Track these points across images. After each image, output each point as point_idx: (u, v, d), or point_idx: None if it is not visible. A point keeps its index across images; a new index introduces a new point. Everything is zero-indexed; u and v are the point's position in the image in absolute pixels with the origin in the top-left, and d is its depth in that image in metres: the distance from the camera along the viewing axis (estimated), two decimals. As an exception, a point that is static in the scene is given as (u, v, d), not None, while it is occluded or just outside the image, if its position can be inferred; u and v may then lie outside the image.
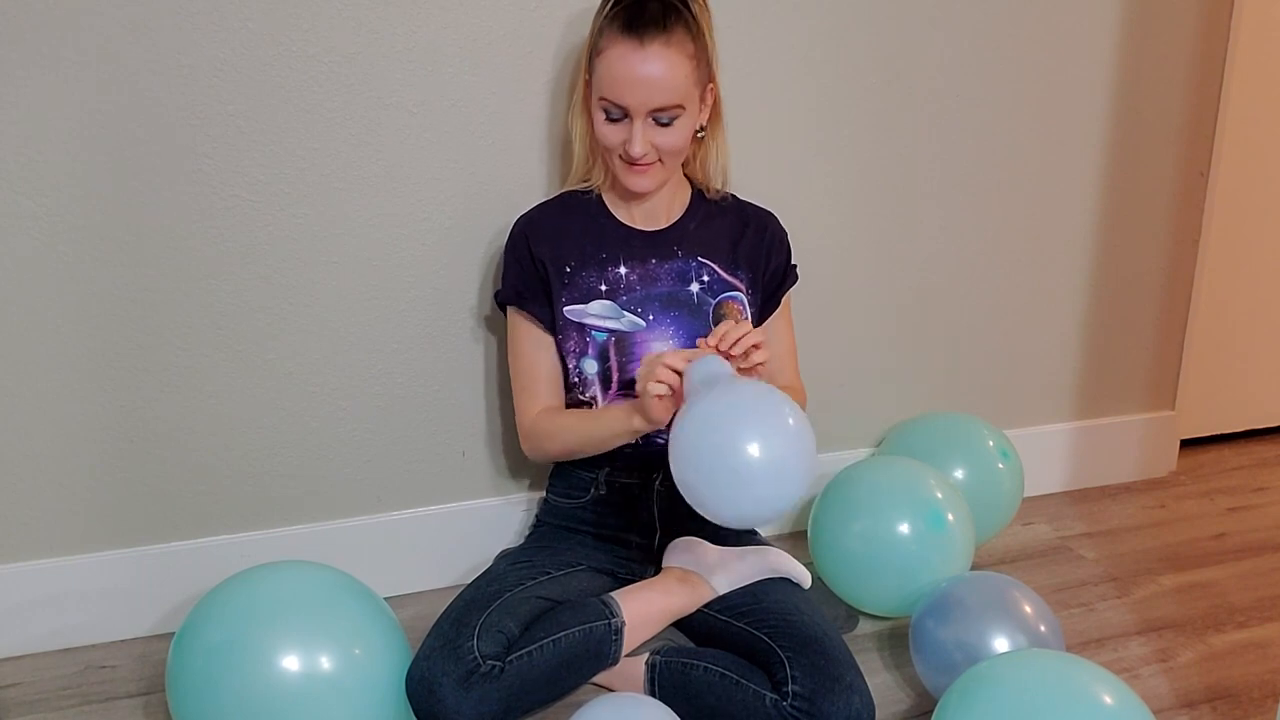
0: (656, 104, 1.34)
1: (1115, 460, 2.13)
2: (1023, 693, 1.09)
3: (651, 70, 1.32)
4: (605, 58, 1.34)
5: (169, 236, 1.45)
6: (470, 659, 1.21)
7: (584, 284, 1.46)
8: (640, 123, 1.35)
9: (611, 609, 1.35)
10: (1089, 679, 1.09)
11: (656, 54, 1.32)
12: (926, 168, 1.82)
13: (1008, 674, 1.13)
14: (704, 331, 1.46)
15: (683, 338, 1.46)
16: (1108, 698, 1.07)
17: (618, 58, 1.32)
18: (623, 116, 1.36)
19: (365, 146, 1.50)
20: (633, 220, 1.50)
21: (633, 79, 1.32)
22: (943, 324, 1.92)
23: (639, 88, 1.32)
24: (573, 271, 1.46)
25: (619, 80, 1.33)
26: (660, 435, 1.47)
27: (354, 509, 1.64)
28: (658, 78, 1.32)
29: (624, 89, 1.33)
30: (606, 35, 1.34)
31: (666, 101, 1.34)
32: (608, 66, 1.34)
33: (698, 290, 1.48)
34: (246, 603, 1.19)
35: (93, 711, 1.39)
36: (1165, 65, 1.92)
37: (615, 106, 1.35)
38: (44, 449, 1.47)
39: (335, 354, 1.57)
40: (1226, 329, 2.23)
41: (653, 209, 1.49)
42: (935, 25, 1.75)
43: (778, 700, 1.22)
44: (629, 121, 1.35)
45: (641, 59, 1.32)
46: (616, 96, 1.34)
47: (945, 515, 1.51)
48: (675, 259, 1.48)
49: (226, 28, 1.40)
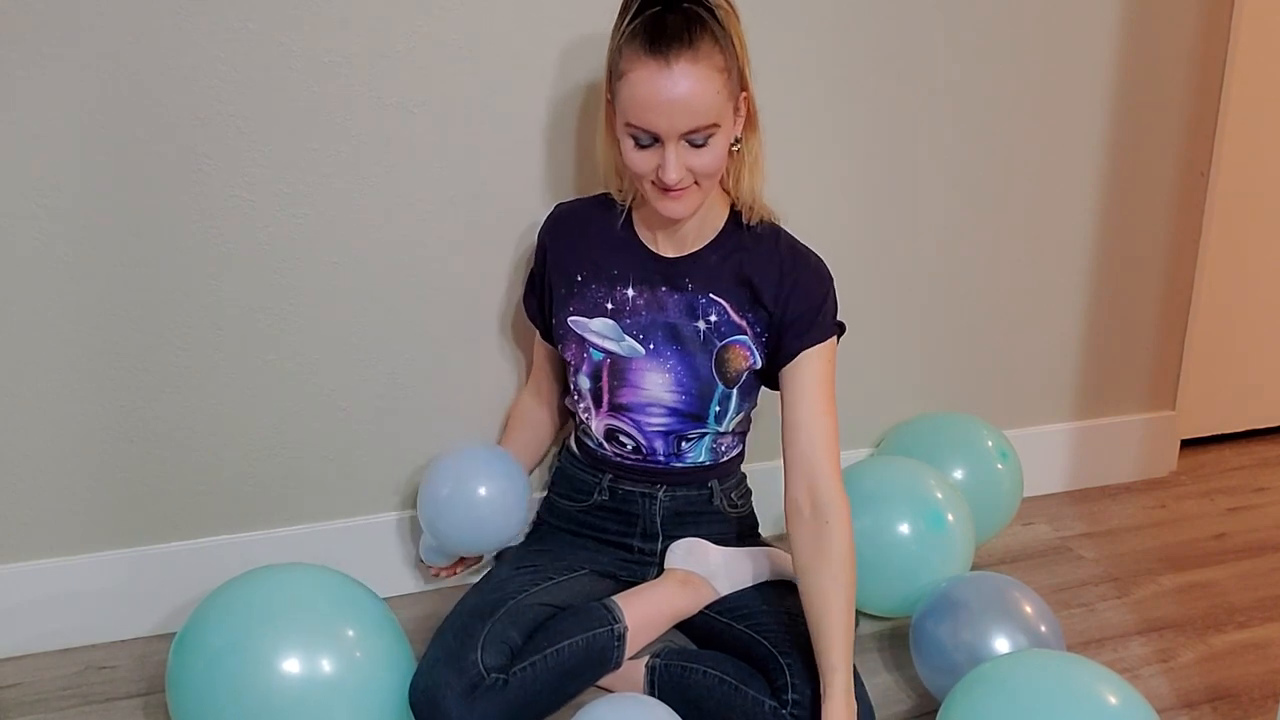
0: (688, 126, 1.23)
1: (1115, 460, 2.13)
2: (1027, 693, 1.09)
3: (680, 91, 1.20)
4: (628, 81, 1.23)
5: (169, 236, 1.45)
6: (474, 672, 1.21)
7: (591, 298, 1.43)
8: (673, 147, 1.24)
9: (614, 614, 1.35)
10: (1093, 679, 1.10)
11: (684, 72, 1.20)
12: (926, 167, 1.82)
13: (1012, 674, 1.13)
14: (705, 370, 1.40)
15: (681, 372, 1.41)
16: (1112, 697, 1.07)
17: (642, 81, 1.22)
18: (652, 142, 1.25)
19: (365, 146, 1.50)
20: (654, 242, 1.42)
21: (660, 103, 1.21)
22: (942, 324, 1.92)
23: (668, 112, 1.21)
24: (583, 282, 1.44)
25: (646, 105, 1.22)
26: (661, 453, 1.47)
27: (354, 509, 1.64)
28: (687, 99, 1.21)
29: (652, 115, 1.22)
30: (627, 56, 1.23)
31: (699, 123, 1.23)
32: (631, 91, 1.23)
33: (704, 329, 1.40)
34: (248, 605, 1.18)
35: (93, 711, 1.39)
36: (1165, 65, 1.91)
37: (644, 133, 1.24)
38: (44, 449, 1.47)
39: (335, 354, 1.57)
40: (1226, 329, 2.23)
41: (680, 232, 1.40)
42: (935, 25, 1.75)
43: (777, 708, 1.22)
44: (659, 147, 1.25)
45: (669, 81, 1.20)
46: (645, 123, 1.23)
47: (945, 515, 1.51)
48: (685, 291, 1.40)
49: (226, 28, 1.40)
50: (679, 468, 1.48)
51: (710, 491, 1.50)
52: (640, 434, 1.45)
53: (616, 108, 1.28)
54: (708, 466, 1.49)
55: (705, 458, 1.48)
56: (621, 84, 1.25)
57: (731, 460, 1.53)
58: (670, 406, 1.43)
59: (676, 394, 1.42)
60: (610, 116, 1.33)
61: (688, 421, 1.44)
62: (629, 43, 1.23)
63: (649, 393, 1.42)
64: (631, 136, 1.26)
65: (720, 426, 1.45)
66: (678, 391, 1.42)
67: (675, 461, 1.47)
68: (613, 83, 1.28)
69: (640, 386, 1.43)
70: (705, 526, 1.51)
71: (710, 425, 1.44)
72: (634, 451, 1.47)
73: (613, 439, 1.47)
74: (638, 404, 1.43)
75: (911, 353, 1.91)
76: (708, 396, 1.42)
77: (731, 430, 1.48)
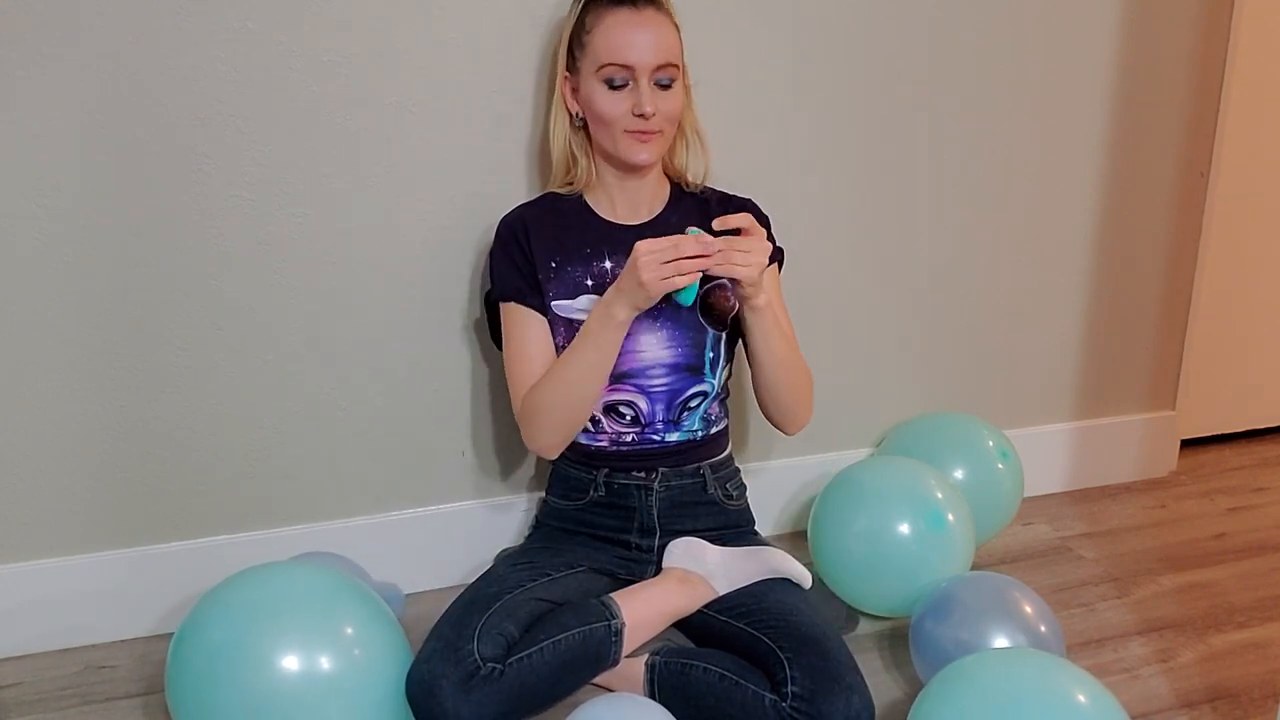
0: (660, 60, 1.37)
1: (1115, 460, 2.13)
2: (995, 692, 1.09)
3: (650, 30, 1.37)
4: (601, 30, 1.38)
5: (169, 236, 1.45)
6: (470, 661, 1.21)
7: (570, 279, 1.46)
8: (645, 83, 1.37)
9: (611, 610, 1.35)
10: (1066, 680, 1.10)
11: (651, 17, 1.38)
12: (926, 168, 1.82)
13: (979, 673, 1.13)
14: (692, 322, 1.46)
15: (671, 327, 1.46)
16: (1082, 697, 1.07)
17: (616, 24, 1.37)
18: (625, 83, 1.38)
19: (365, 146, 1.50)
20: (615, 215, 1.50)
21: (634, 38, 1.36)
22: (942, 324, 1.92)
23: (642, 45, 1.36)
24: (559, 266, 1.46)
25: (621, 43, 1.36)
26: (657, 430, 1.47)
27: (354, 509, 1.64)
28: (657, 36, 1.38)
29: (628, 49, 1.36)
30: (594, 13, 1.39)
31: (667, 59, 1.38)
32: (606, 36, 1.37)
33: None
34: (246, 603, 1.19)
35: (93, 711, 1.39)
36: (1165, 65, 1.92)
37: (620, 69, 1.37)
38: (44, 449, 1.47)
39: (335, 354, 1.57)
40: (1226, 329, 2.23)
41: (634, 203, 1.49)
42: (935, 25, 1.75)
43: (777, 701, 1.22)
44: (631, 89, 1.38)
45: (640, 20, 1.37)
46: (620, 58, 1.36)
47: (945, 515, 1.51)
48: None
49: (226, 28, 1.40)
50: (674, 444, 1.49)
51: (703, 479, 1.51)
52: (644, 398, 1.47)
53: (584, 63, 1.40)
54: (700, 444, 1.51)
55: (698, 426, 1.50)
56: (592, 36, 1.39)
57: (719, 436, 1.55)
58: (670, 364, 1.46)
59: (673, 349, 1.46)
60: (566, 89, 1.44)
61: (688, 377, 1.47)
62: (595, 5, 1.39)
63: (648, 354, 1.46)
64: (605, 81, 1.38)
65: (715, 379, 1.50)
66: (673, 346, 1.46)
67: (673, 432, 1.48)
68: (575, 47, 1.41)
69: (636, 351, 1.45)
70: (703, 519, 1.52)
71: (708, 377, 1.49)
72: (633, 423, 1.47)
73: (611, 412, 1.48)
74: (639, 368, 1.46)
75: (912, 353, 1.91)
76: (700, 345, 1.48)
77: (721, 388, 1.52)
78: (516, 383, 1.47)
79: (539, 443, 1.45)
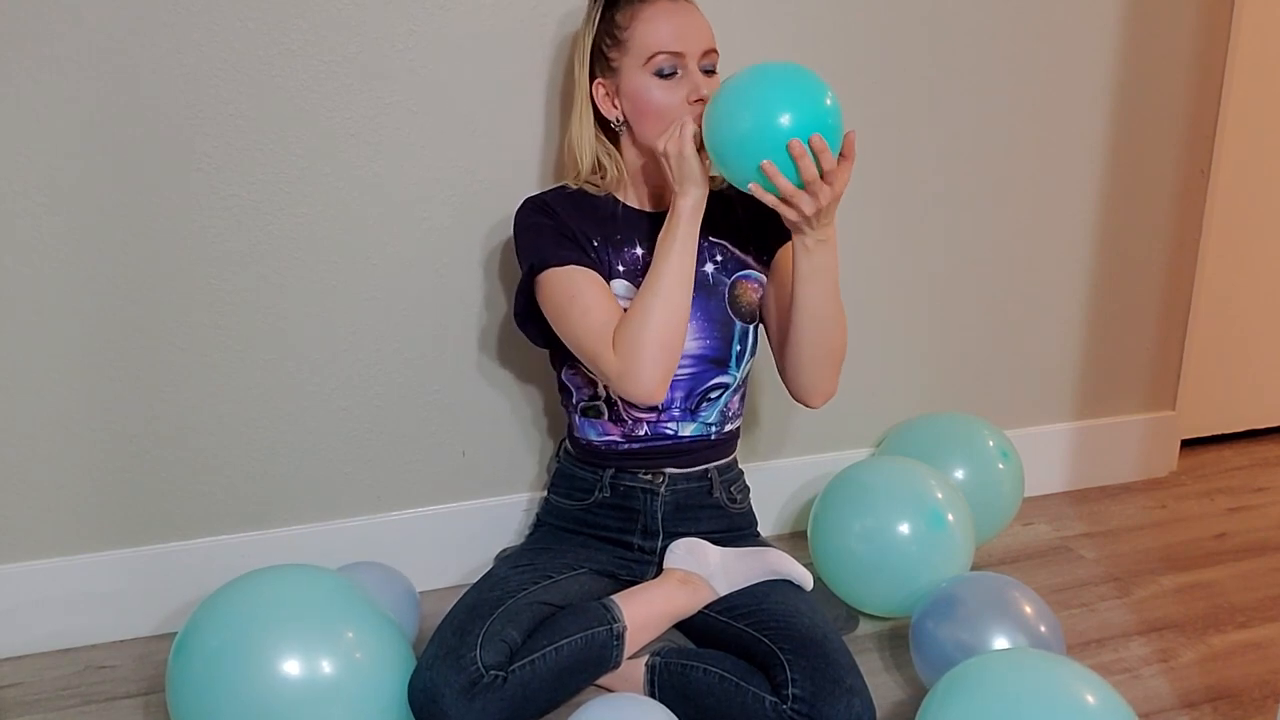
0: (707, 45, 1.37)
1: (1115, 460, 2.13)
2: (1005, 693, 1.09)
3: (692, 16, 1.38)
4: (641, 22, 1.36)
5: (169, 236, 1.45)
6: (473, 669, 1.21)
7: (605, 262, 1.44)
8: (695, 68, 1.36)
9: (613, 613, 1.35)
10: (1073, 679, 1.09)
11: (688, 5, 1.39)
12: (926, 168, 1.82)
13: (989, 674, 1.13)
14: (720, 311, 1.46)
15: (700, 318, 1.45)
16: (1091, 698, 1.07)
17: (658, 13, 1.36)
18: (674, 70, 1.36)
19: (365, 146, 1.50)
20: (644, 205, 1.48)
21: (682, 24, 1.36)
22: (943, 324, 1.92)
23: (689, 31, 1.36)
24: (597, 248, 1.44)
25: (668, 30, 1.35)
26: (668, 423, 1.47)
27: (354, 509, 1.64)
28: (699, 22, 1.38)
29: (678, 35, 1.35)
30: (626, 10, 1.37)
31: (711, 44, 1.38)
32: (650, 25, 1.36)
33: (713, 270, 1.47)
34: (248, 607, 1.18)
35: (93, 711, 1.39)
36: (1165, 65, 1.92)
37: (671, 57, 1.35)
38: (44, 449, 1.47)
39: (335, 354, 1.57)
40: (1226, 329, 2.23)
41: (662, 195, 1.46)
42: (934, 24, 1.75)
43: (777, 703, 1.22)
44: (683, 75, 1.37)
45: (680, 8, 1.37)
46: (671, 45, 1.35)
47: (945, 515, 1.51)
48: None
49: (226, 27, 1.40)
50: (685, 441, 1.48)
51: (710, 482, 1.51)
52: None
53: (624, 64, 1.37)
54: (710, 444, 1.50)
55: (714, 420, 1.49)
56: (631, 32, 1.37)
57: (731, 435, 1.54)
58: (697, 354, 1.45)
59: (700, 340, 1.45)
60: (599, 99, 1.41)
61: (712, 368, 1.46)
62: (625, 3, 1.38)
63: None
64: (655, 71, 1.36)
65: (739, 371, 1.49)
66: (701, 337, 1.45)
67: (688, 423, 1.47)
68: (607, 54, 1.39)
69: None
70: (705, 522, 1.51)
71: (732, 369, 1.48)
72: (649, 409, 1.45)
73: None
74: None
75: (912, 353, 1.91)
76: (728, 337, 1.47)
77: (743, 381, 1.51)
78: (597, 335, 1.34)
79: (644, 378, 1.31)
